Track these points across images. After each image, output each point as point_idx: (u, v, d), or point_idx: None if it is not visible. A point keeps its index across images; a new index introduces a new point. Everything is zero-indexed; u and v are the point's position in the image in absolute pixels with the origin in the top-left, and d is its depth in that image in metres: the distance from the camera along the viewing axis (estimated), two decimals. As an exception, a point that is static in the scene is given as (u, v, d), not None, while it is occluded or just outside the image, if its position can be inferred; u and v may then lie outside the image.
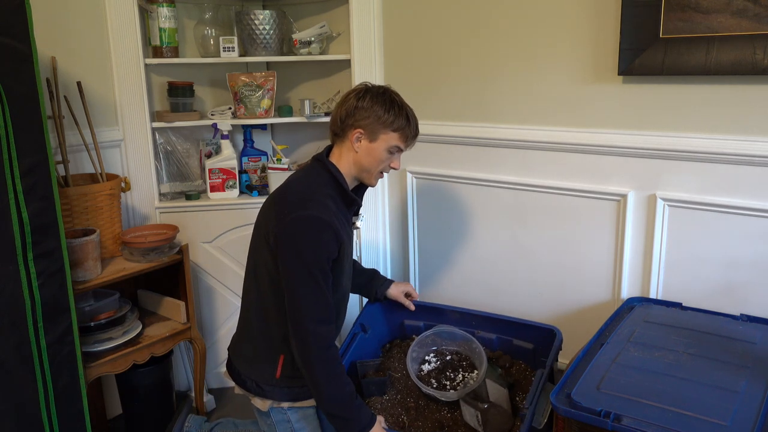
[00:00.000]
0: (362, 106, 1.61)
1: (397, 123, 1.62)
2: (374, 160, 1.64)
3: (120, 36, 2.32)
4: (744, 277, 1.85)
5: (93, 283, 2.00)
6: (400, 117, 1.63)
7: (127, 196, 2.40)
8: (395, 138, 1.64)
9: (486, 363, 1.86)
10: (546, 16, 2.04)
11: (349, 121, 1.63)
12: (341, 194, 1.65)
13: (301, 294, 1.55)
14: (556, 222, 2.16)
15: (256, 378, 1.70)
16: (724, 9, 1.70)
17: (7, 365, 1.64)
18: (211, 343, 2.61)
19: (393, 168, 1.71)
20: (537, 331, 1.97)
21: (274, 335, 1.67)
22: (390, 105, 1.63)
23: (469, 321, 2.11)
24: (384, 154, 1.65)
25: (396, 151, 1.67)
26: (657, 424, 1.32)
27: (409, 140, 1.68)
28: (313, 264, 1.54)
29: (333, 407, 1.57)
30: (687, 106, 1.84)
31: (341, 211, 1.64)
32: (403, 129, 1.64)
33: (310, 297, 1.55)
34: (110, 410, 2.49)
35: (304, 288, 1.55)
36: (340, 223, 1.60)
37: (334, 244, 1.57)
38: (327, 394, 1.57)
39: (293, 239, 1.55)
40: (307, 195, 1.60)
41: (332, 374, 1.57)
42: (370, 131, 1.62)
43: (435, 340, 2.04)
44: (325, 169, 1.65)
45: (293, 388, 1.68)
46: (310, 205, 1.56)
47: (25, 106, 1.64)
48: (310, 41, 2.50)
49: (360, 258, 2.56)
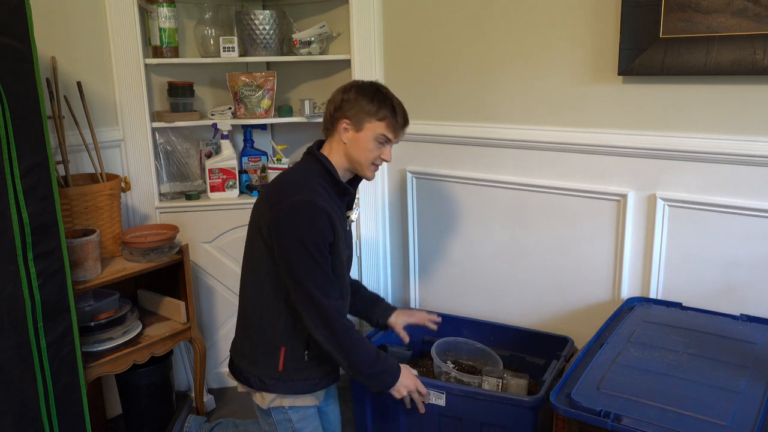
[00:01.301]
0: (348, 99, 1.65)
1: (381, 112, 1.64)
2: (362, 150, 1.66)
3: (120, 36, 2.32)
4: (744, 277, 1.85)
5: (93, 283, 2.00)
6: (385, 106, 1.65)
7: (127, 196, 2.40)
8: (381, 127, 1.65)
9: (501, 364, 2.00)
10: (546, 16, 2.04)
11: (337, 115, 1.66)
12: (332, 184, 1.67)
13: (305, 275, 1.58)
14: (556, 222, 2.16)
15: (259, 373, 1.70)
16: (724, 9, 1.70)
17: (7, 365, 1.64)
18: (211, 343, 2.61)
19: (384, 160, 1.71)
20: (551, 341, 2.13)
21: (273, 328, 1.67)
22: (374, 95, 1.65)
23: (484, 333, 2.28)
24: (371, 144, 1.66)
25: (384, 141, 1.67)
26: (657, 424, 1.32)
27: (397, 130, 1.68)
28: (311, 245, 1.57)
29: (364, 368, 1.65)
30: (687, 106, 1.84)
31: (334, 201, 1.66)
32: (389, 118, 1.65)
33: (314, 275, 1.58)
34: (110, 410, 2.49)
35: (307, 268, 1.58)
36: (333, 210, 1.61)
37: (328, 228, 1.59)
38: (355, 357, 1.63)
39: (288, 224, 1.58)
40: (300, 183, 1.63)
41: (354, 339, 1.63)
42: (356, 121, 1.64)
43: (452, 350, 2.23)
44: (316, 160, 1.67)
45: (296, 381, 1.69)
46: (303, 191, 1.59)
47: (25, 106, 1.64)
48: (310, 41, 2.50)
49: (360, 258, 2.56)
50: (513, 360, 2.22)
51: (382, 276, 2.64)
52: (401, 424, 1.97)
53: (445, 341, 2.21)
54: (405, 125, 1.71)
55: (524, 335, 2.22)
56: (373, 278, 2.62)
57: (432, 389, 1.85)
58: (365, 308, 2.00)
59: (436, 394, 1.84)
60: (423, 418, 1.89)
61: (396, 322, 2.01)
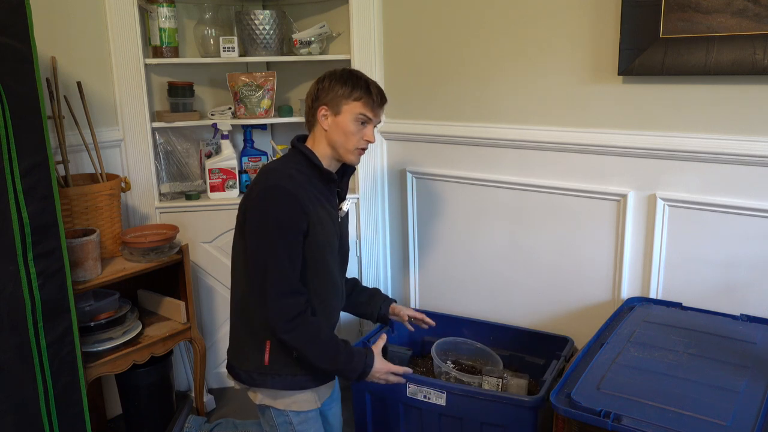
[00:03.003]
0: (323, 87, 1.66)
1: (356, 92, 1.64)
2: (343, 133, 1.65)
3: (120, 36, 2.32)
4: (744, 277, 1.85)
5: (93, 283, 2.00)
6: (359, 86, 1.64)
7: (127, 196, 2.40)
8: (358, 106, 1.64)
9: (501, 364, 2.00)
10: (546, 15, 2.04)
11: (315, 105, 1.67)
12: (315, 171, 1.66)
13: (263, 266, 1.56)
14: (556, 222, 2.16)
15: (248, 368, 1.69)
16: (724, 9, 1.70)
17: (7, 365, 1.64)
18: (211, 343, 2.61)
19: (367, 140, 1.68)
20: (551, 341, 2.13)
21: (256, 321, 1.66)
22: (347, 78, 1.65)
23: (484, 333, 2.28)
24: (352, 126, 1.64)
25: (364, 120, 1.65)
26: (657, 424, 1.32)
27: (375, 108, 1.66)
28: (277, 233, 1.55)
29: (326, 366, 1.63)
30: (687, 106, 1.85)
31: (316, 188, 1.65)
32: (364, 97, 1.64)
33: (273, 269, 1.56)
34: (110, 410, 2.49)
35: (268, 259, 1.56)
36: (309, 196, 1.60)
37: (299, 213, 1.57)
38: (313, 358, 1.60)
39: (256, 210, 1.58)
40: (275, 170, 1.63)
41: (309, 339, 1.60)
42: (333, 105, 1.64)
43: (452, 350, 2.23)
44: (298, 150, 1.68)
45: (284, 376, 1.66)
46: (274, 176, 1.60)
47: (25, 106, 1.64)
48: (310, 41, 2.50)
49: (360, 257, 2.56)
50: (513, 360, 2.22)
51: (382, 276, 2.64)
52: (401, 424, 1.97)
53: (445, 341, 2.21)
54: (382, 103, 1.69)
55: (524, 335, 2.22)
56: (373, 278, 2.62)
57: (432, 389, 1.85)
58: (364, 303, 1.95)
59: (436, 393, 1.85)
60: (423, 418, 1.90)
61: (401, 312, 1.96)
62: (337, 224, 1.72)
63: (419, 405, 1.89)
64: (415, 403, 1.90)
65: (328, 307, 1.71)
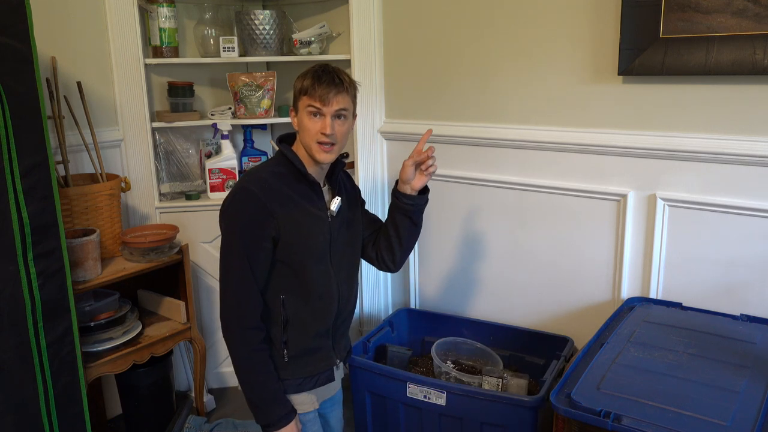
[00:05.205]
0: (293, 89, 1.62)
1: (303, 85, 1.57)
2: (303, 129, 1.58)
3: (120, 36, 2.32)
4: (744, 277, 1.85)
5: (93, 283, 2.00)
6: (305, 79, 1.57)
7: (127, 196, 2.40)
8: (306, 99, 1.56)
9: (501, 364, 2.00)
10: (546, 16, 2.04)
11: None
12: (292, 171, 1.60)
13: (224, 267, 1.55)
14: (556, 222, 2.16)
15: None
16: (724, 9, 1.70)
17: (7, 365, 1.64)
18: (211, 343, 2.61)
19: (323, 134, 1.56)
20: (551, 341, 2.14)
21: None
22: (303, 75, 1.58)
23: (484, 333, 2.28)
24: (307, 122, 1.57)
25: (315, 112, 1.56)
26: (657, 424, 1.32)
27: (323, 96, 1.53)
28: (238, 235, 1.52)
29: (243, 383, 1.59)
30: (687, 106, 1.85)
31: (296, 189, 1.59)
32: (309, 88, 1.55)
33: (232, 270, 1.54)
34: (110, 410, 2.49)
35: (227, 260, 1.55)
36: (281, 198, 1.55)
37: (263, 217, 1.52)
38: (238, 368, 1.59)
39: (224, 213, 1.56)
40: (250, 173, 1.60)
41: (244, 351, 1.58)
42: (295, 105, 1.61)
43: (452, 350, 2.24)
44: (279, 151, 1.64)
45: (282, 378, 1.62)
46: (245, 179, 1.57)
47: (25, 106, 1.64)
48: (310, 41, 2.50)
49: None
50: (513, 360, 2.22)
51: (382, 276, 2.64)
52: (401, 424, 1.97)
53: (445, 341, 2.22)
54: (325, 87, 1.55)
55: (524, 335, 2.22)
56: (372, 278, 2.62)
57: (432, 389, 1.85)
58: (386, 225, 1.82)
59: (436, 393, 1.85)
60: (423, 418, 1.90)
61: (406, 173, 1.73)
62: (326, 224, 1.63)
63: (419, 405, 1.89)
64: (415, 403, 1.90)
65: (309, 308, 1.63)
